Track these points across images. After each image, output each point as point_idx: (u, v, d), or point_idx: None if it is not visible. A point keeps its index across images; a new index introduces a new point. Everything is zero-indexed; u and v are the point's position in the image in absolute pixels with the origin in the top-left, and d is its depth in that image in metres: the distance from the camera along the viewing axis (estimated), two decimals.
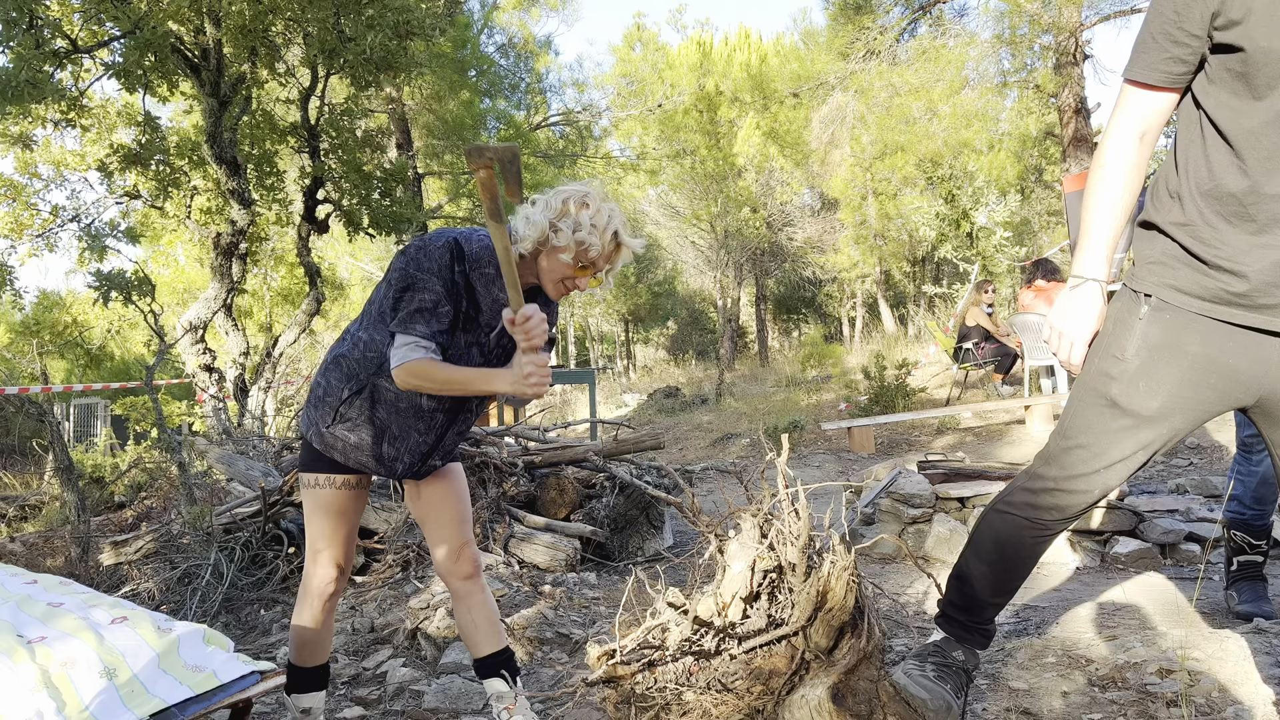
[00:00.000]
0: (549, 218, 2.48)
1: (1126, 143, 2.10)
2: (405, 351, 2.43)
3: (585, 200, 2.49)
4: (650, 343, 40.40)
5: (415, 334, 2.44)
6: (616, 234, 2.52)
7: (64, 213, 8.42)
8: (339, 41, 6.35)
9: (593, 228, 2.45)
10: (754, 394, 16.39)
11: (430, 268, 2.45)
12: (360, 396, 2.62)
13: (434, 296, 2.46)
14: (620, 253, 2.58)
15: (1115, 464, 2.16)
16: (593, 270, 2.54)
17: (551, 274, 2.52)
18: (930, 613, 4.32)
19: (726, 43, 23.89)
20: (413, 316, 2.44)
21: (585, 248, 2.45)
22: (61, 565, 5.56)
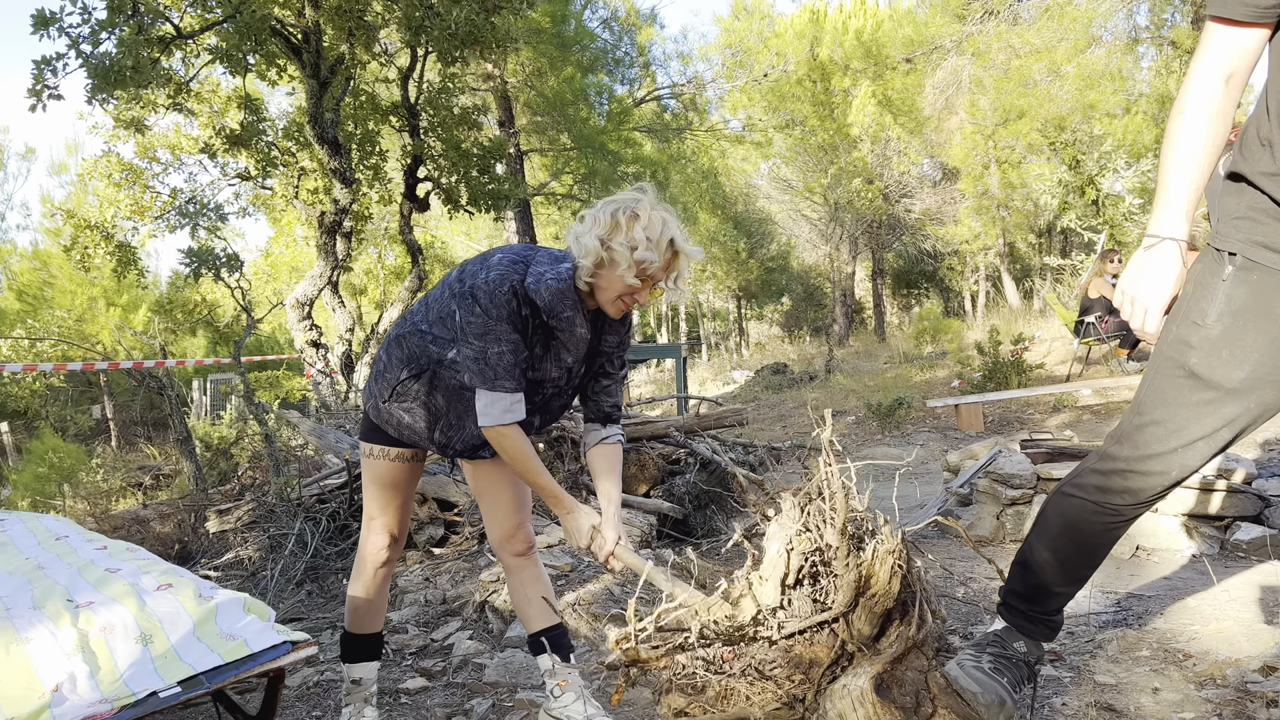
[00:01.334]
0: (599, 235, 2.40)
1: (1210, 85, 1.87)
2: (499, 413, 2.46)
3: (636, 211, 2.40)
4: (764, 319, 39.94)
5: (504, 390, 2.45)
6: (673, 242, 2.43)
7: (181, 195, 8.84)
8: (426, 17, 6.39)
9: (648, 242, 2.38)
10: (865, 370, 16.00)
11: (499, 314, 2.41)
12: (419, 381, 2.62)
13: (511, 346, 2.44)
14: (678, 260, 2.49)
15: (1195, 442, 1.95)
16: (652, 283, 2.45)
17: (608, 292, 2.45)
18: None
19: (841, 9, 23.24)
20: (499, 373, 2.43)
21: (645, 265, 2.37)
22: (172, 531, 5.82)
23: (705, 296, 34.19)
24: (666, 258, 2.44)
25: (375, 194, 9.26)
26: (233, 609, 2.29)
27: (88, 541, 3.00)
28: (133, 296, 20.16)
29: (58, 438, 12.47)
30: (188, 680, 2.05)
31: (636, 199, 2.45)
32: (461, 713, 3.05)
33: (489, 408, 2.45)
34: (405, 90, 8.56)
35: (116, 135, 8.25)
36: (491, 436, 2.48)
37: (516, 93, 12.88)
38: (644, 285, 2.44)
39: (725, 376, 20.45)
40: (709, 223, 27.18)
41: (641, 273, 2.40)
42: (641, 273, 2.40)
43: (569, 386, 2.72)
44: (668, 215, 2.45)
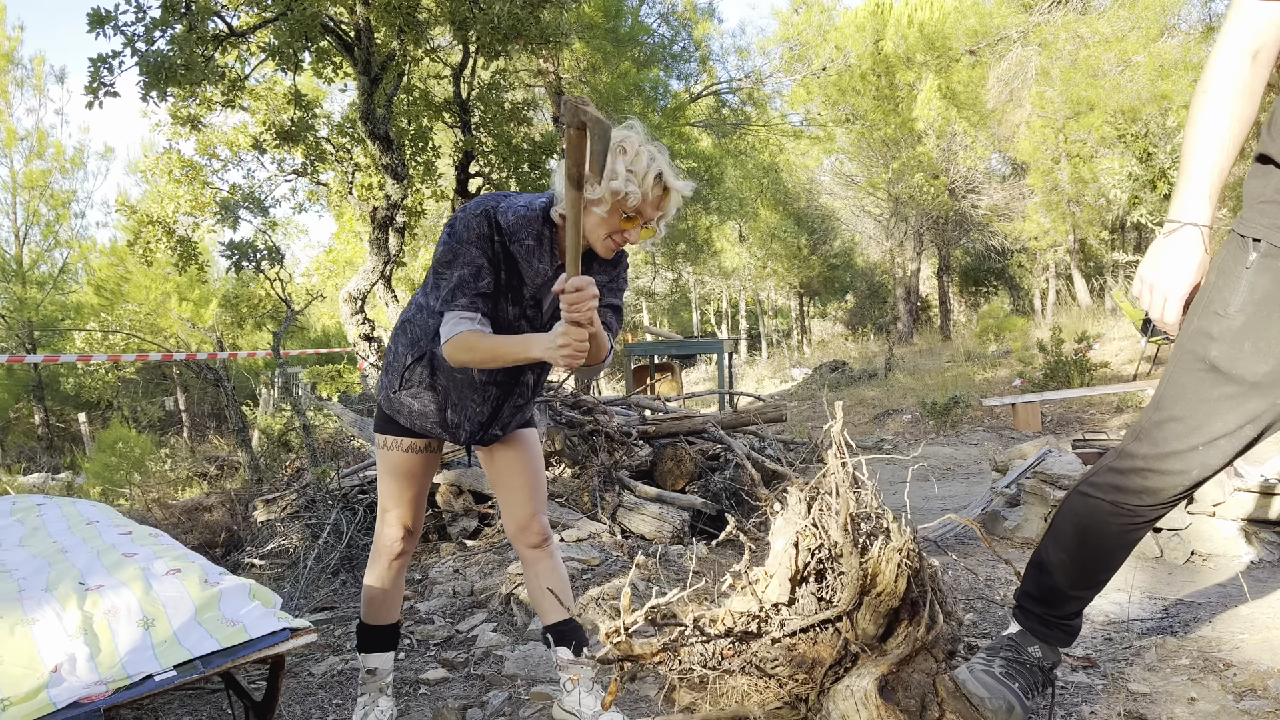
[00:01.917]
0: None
1: (1236, 62, 1.77)
2: (450, 326, 2.37)
3: (622, 146, 2.29)
4: (827, 316, 39.50)
5: (457, 307, 2.38)
6: (660, 177, 2.32)
7: (240, 191, 9.03)
8: (469, 11, 6.40)
9: (630, 175, 2.27)
10: (927, 369, 15.72)
11: (469, 238, 2.37)
12: (421, 363, 2.60)
13: (473, 267, 2.38)
14: (669, 197, 2.39)
15: (1217, 440, 1.84)
16: (640, 220, 2.38)
17: (595, 231, 2.36)
18: None
19: (907, 2, 22.82)
20: (454, 291, 2.38)
21: (622, 197, 2.28)
22: (221, 520, 5.94)
23: (766, 293, 33.91)
24: (656, 195, 2.33)
25: (428, 190, 9.35)
26: (237, 595, 2.31)
27: (115, 527, 3.05)
28: (203, 292, 20.70)
29: (126, 428, 12.84)
30: (183, 664, 2.06)
31: (625, 135, 2.33)
32: (478, 704, 3.04)
33: (443, 327, 2.38)
34: (457, 86, 8.63)
35: (178, 133, 8.46)
36: (449, 352, 2.38)
37: (570, 88, 12.88)
38: (631, 223, 2.36)
39: (784, 374, 20.28)
40: (770, 218, 26.94)
41: (620, 206, 2.29)
42: (620, 206, 2.29)
43: (535, 321, 2.58)
44: (657, 151, 2.34)
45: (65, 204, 23.34)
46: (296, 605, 4.28)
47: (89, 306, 20.59)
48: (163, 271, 14.96)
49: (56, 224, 23.43)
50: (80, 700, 1.93)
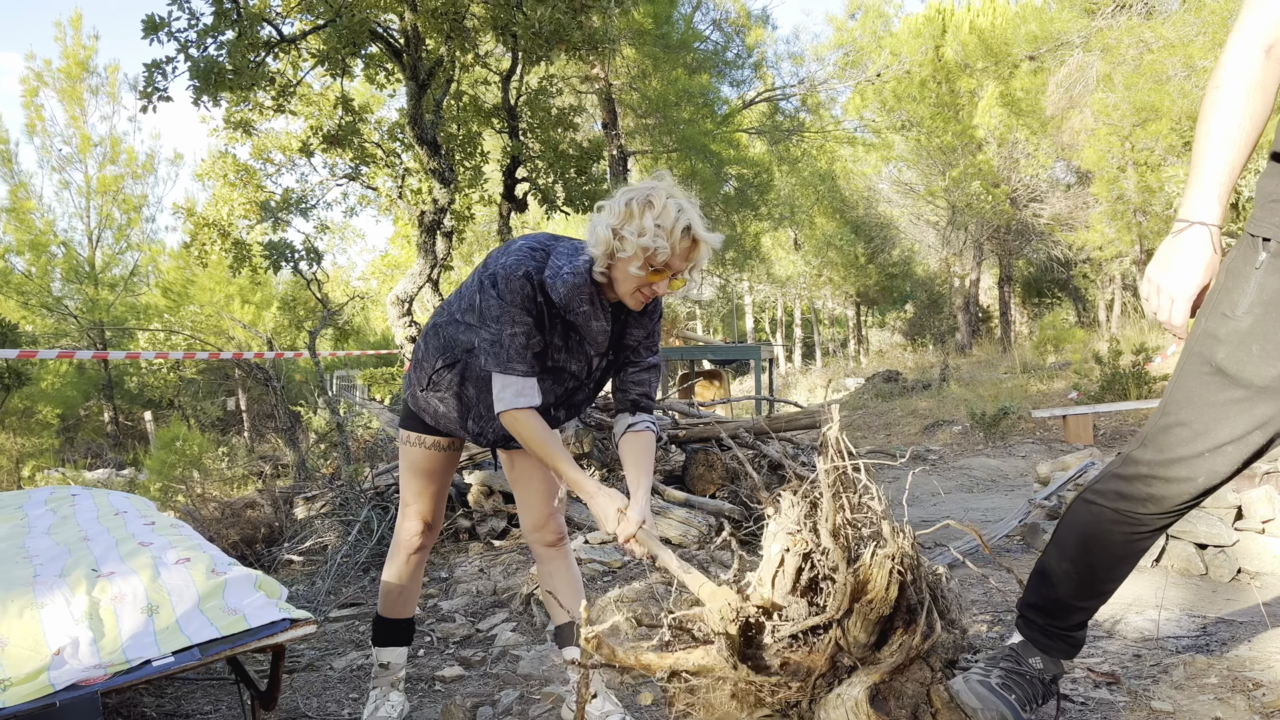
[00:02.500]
0: (612, 225, 2.34)
1: (1248, 57, 1.71)
2: (511, 397, 2.43)
3: (650, 199, 2.32)
4: (886, 326, 39.05)
5: (516, 373, 2.43)
6: (689, 229, 2.34)
7: (293, 194, 9.23)
8: (510, 16, 6.47)
9: (658, 230, 2.29)
10: (983, 380, 15.45)
11: (514, 300, 2.40)
12: (452, 370, 2.63)
13: (524, 330, 2.42)
14: (698, 249, 2.41)
15: (1224, 446, 1.78)
16: (669, 273, 2.39)
17: (625, 285, 2.39)
18: (1097, 618, 3.86)
19: (969, 8, 22.50)
20: (511, 356, 2.42)
21: (652, 253, 2.30)
22: (261, 516, 6.05)
23: (822, 301, 33.63)
24: (684, 246, 2.35)
25: (475, 195, 9.44)
26: (242, 585, 2.34)
27: (141, 517, 3.13)
28: (264, 295, 21.18)
29: (183, 426, 13.16)
30: (181, 651, 2.10)
31: (652, 186, 2.37)
32: (490, 703, 3.06)
33: (502, 392, 2.43)
34: (506, 92, 8.72)
35: (233, 138, 8.68)
36: (506, 421, 2.45)
37: (620, 95, 12.94)
38: (660, 276, 2.38)
39: (837, 384, 20.08)
40: (826, 226, 26.72)
41: (651, 261, 2.33)
42: (651, 261, 2.33)
43: (590, 380, 2.68)
44: (685, 203, 2.37)
45: (136, 208, 24.04)
46: (324, 601, 4.35)
47: (154, 308, 21.18)
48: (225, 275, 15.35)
49: (128, 228, 24.15)
50: (79, 683, 1.98)
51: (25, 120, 23.26)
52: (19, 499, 3.61)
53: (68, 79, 22.85)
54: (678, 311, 30.84)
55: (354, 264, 26.85)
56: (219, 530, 5.76)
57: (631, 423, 2.68)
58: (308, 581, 4.66)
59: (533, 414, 2.45)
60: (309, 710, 3.14)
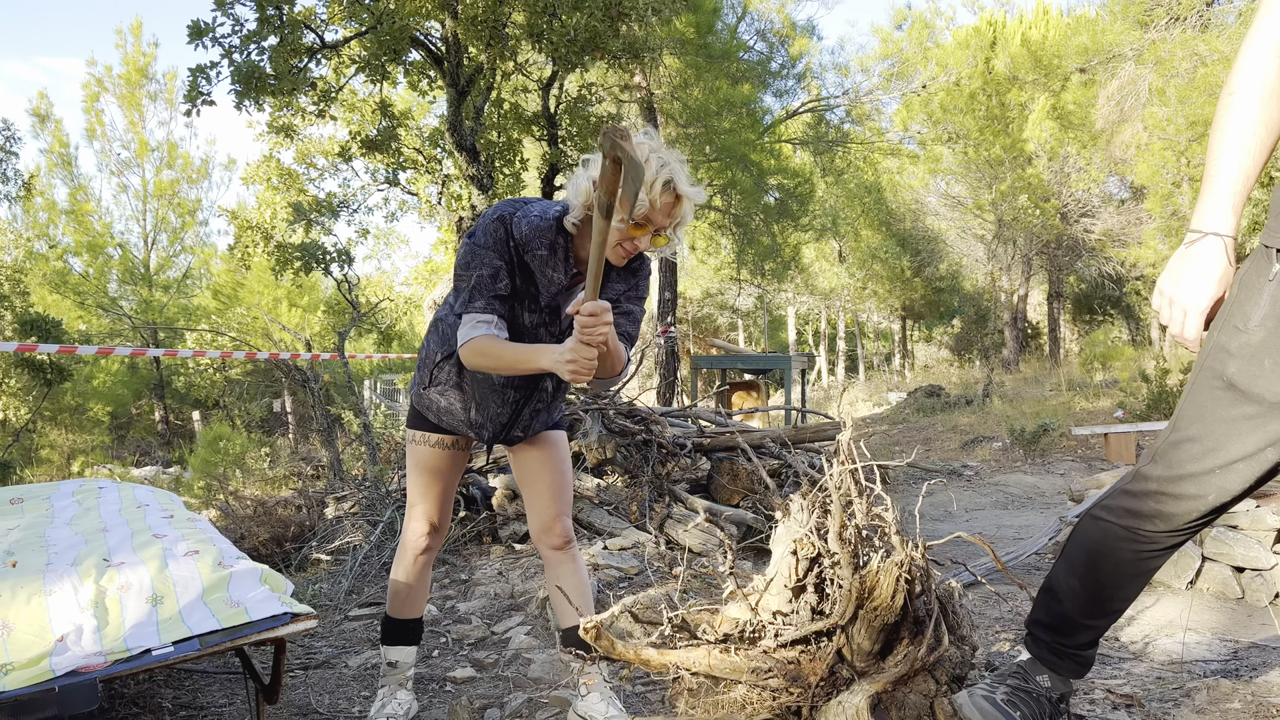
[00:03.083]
0: (593, 176, 2.30)
1: (1263, 62, 1.66)
2: (468, 330, 2.39)
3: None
4: (932, 341, 38.61)
5: (475, 310, 2.40)
6: (670, 184, 2.29)
7: (335, 198, 9.37)
8: (546, 24, 6.50)
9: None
10: (1028, 396, 15.20)
11: (485, 243, 2.39)
12: (450, 362, 2.64)
13: (490, 270, 2.39)
14: (681, 205, 2.36)
15: (1235, 463, 1.72)
16: (651, 228, 2.36)
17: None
18: (1124, 640, 3.77)
19: (1021, 19, 22.21)
20: (472, 292, 2.40)
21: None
22: (292, 515, 6.12)
23: (866, 315, 33.34)
24: (665, 201, 2.30)
25: None
26: (247, 579, 2.36)
27: (161, 510, 3.17)
28: (313, 299, 21.51)
29: (226, 426, 13.38)
30: (182, 641, 2.12)
31: (637, 142, 2.30)
32: (497, 705, 3.05)
33: (462, 329, 2.39)
34: (546, 100, 8.77)
35: (278, 142, 8.82)
36: (465, 356, 2.39)
37: (662, 104, 12.95)
38: (641, 230, 2.34)
39: (879, 398, 19.88)
40: (872, 238, 26.49)
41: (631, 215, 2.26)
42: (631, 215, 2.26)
43: (552, 329, 2.58)
44: (669, 157, 2.31)
45: (191, 212, 24.56)
46: (345, 600, 4.38)
47: (204, 310, 21.59)
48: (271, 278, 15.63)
49: (182, 231, 24.67)
50: (79, 669, 2.00)
51: (86, 125, 23.87)
52: (49, 490, 3.68)
53: (127, 85, 23.44)
54: (719, 322, 30.79)
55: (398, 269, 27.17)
56: (250, 528, 5.84)
57: None
58: (331, 580, 4.69)
59: (488, 337, 2.37)
60: (320, 706, 3.16)
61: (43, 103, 23.21)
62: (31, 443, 16.86)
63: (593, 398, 4.83)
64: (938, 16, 23.19)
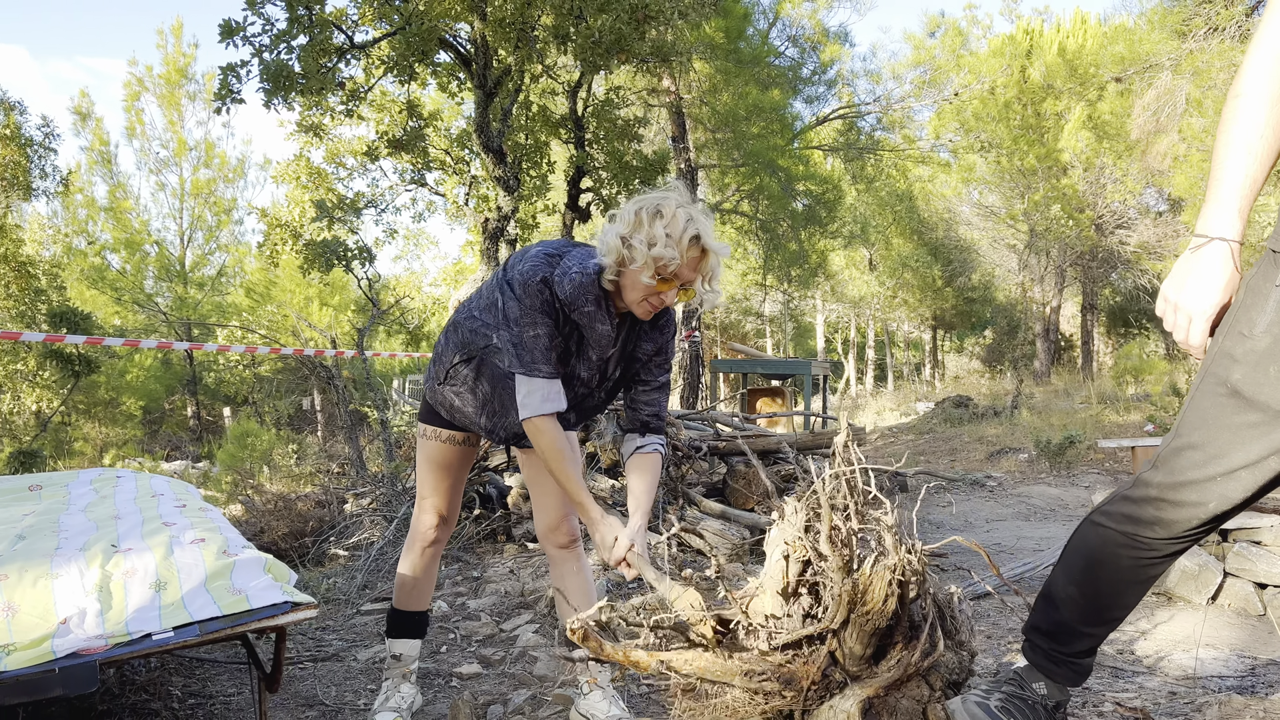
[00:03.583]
0: (621, 233, 2.35)
1: (1271, 64, 1.64)
2: (538, 403, 2.44)
3: (659, 209, 2.33)
4: (964, 352, 38.28)
5: (541, 375, 2.44)
6: (698, 239, 2.34)
7: (363, 198, 9.46)
8: (572, 25, 6.52)
9: (668, 239, 2.29)
10: (1058, 409, 15.02)
11: (533, 305, 2.42)
12: (468, 366, 2.66)
13: (546, 331, 2.43)
14: (708, 259, 2.40)
15: (1238, 471, 1.69)
16: (678, 283, 2.38)
17: (633, 293, 2.39)
18: (1139, 654, 3.72)
19: (1059, 28, 21.99)
20: (536, 357, 2.44)
21: (663, 263, 2.30)
22: (311, 510, 6.17)
23: (897, 324, 33.11)
24: (692, 256, 2.35)
25: (540, 203, 9.54)
26: (251, 568, 2.38)
27: (174, 500, 3.21)
28: (343, 298, 21.71)
29: (253, 422, 13.53)
30: (182, 627, 2.15)
31: (664, 196, 2.38)
32: (501, 702, 3.06)
33: (528, 397, 2.44)
34: (573, 103, 8.80)
35: (309, 141, 8.92)
36: (529, 428, 2.46)
37: (691, 108, 12.95)
38: (668, 285, 2.37)
39: (907, 407, 19.73)
40: (903, 247, 26.31)
41: (661, 271, 2.32)
42: (661, 271, 2.32)
43: (601, 388, 2.68)
44: (695, 212, 2.37)
45: (227, 211, 24.88)
46: (358, 595, 4.41)
47: (236, 307, 21.84)
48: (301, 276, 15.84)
49: (218, 229, 24.99)
50: (79, 651, 2.03)
51: (126, 124, 24.28)
52: (68, 478, 3.74)
53: (167, 85, 23.79)
54: (746, 329, 30.71)
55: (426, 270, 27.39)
56: (269, 522, 5.89)
57: (640, 444, 2.67)
58: (346, 575, 4.73)
59: (554, 422, 2.46)
60: (326, 698, 3.18)
61: (84, 101, 23.62)
62: (66, 435, 17.15)
63: None
64: (974, 25, 23.05)
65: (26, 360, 11.42)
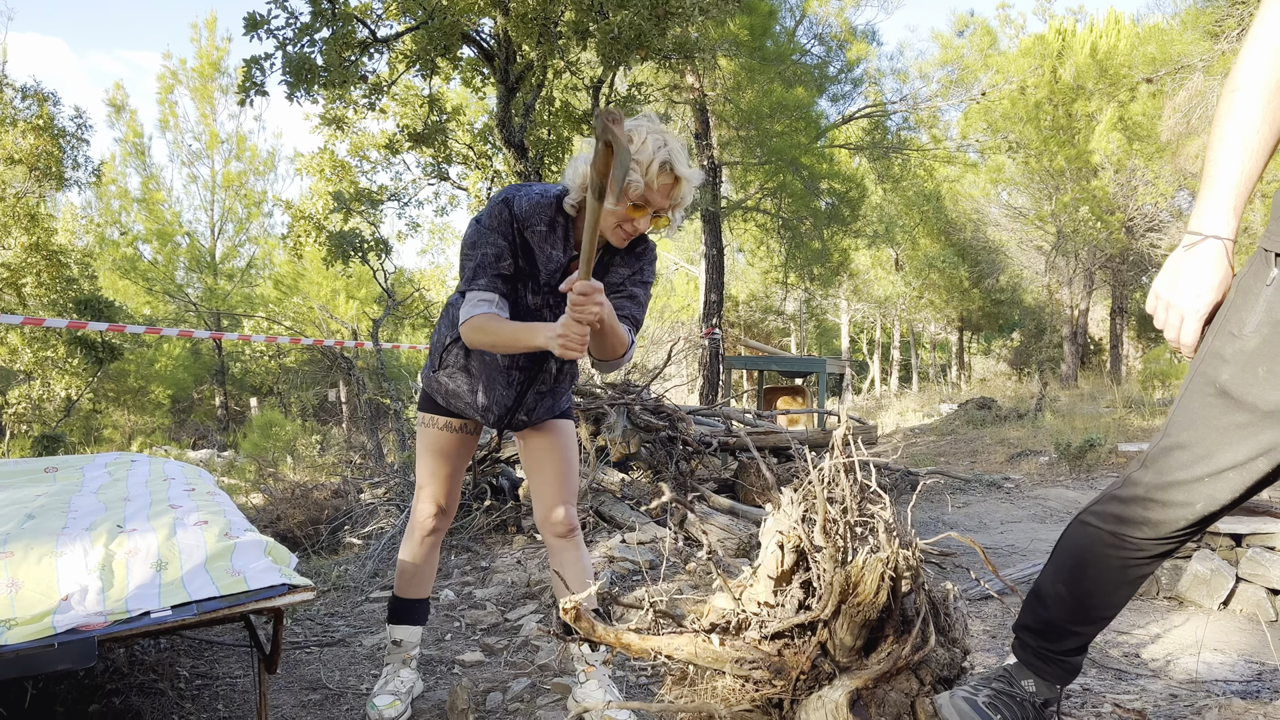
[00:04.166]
0: (589, 159, 2.33)
1: (1267, 57, 1.62)
2: (469, 307, 2.42)
3: (629, 134, 2.27)
4: (991, 354, 37.98)
5: (477, 288, 2.43)
6: (667, 165, 2.30)
7: (386, 191, 9.52)
8: (592, 21, 6.53)
9: (634, 163, 2.26)
10: (1081, 413, 14.87)
11: (490, 224, 2.43)
12: (458, 345, 2.67)
13: (495, 250, 2.43)
14: (680, 186, 2.36)
15: (1225, 471, 1.67)
16: (650, 209, 2.37)
17: (604, 220, 2.36)
18: (1145, 657, 3.69)
19: (1092, 28, 21.74)
20: (476, 271, 2.44)
21: (628, 186, 2.28)
22: (327, 499, 6.24)
23: (922, 324, 32.89)
24: (663, 182, 2.31)
25: None
26: (251, 550, 2.42)
27: (184, 484, 3.26)
28: (370, 291, 21.87)
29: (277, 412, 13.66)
30: (179, 606, 2.18)
31: (636, 123, 2.33)
32: (501, 689, 3.08)
33: (465, 308, 2.42)
34: (595, 99, 8.82)
35: (334, 135, 9.00)
36: (465, 333, 2.42)
37: (714, 105, 12.92)
38: (640, 212, 2.35)
39: (930, 409, 19.61)
40: (930, 247, 26.12)
41: (627, 194, 2.28)
42: (627, 194, 2.28)
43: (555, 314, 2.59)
44: (665, 138, 2.32)
45: (257, 203, 25.11)
46: (368, 582, 4.46)
47: (262, 298, 22.03)
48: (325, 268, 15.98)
49: (248, 222, 25.23)
50: (79, 627, 2.07)
51: (159, 116, 24.56)
52: (83, 461, 3.80)
53: (200, 78, 24.03)
54: (769, 327, 30.60)
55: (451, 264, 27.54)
56: (285, 509, 5.96)
57: None
58: (358, 563, 4.78)
59: (488, 315, 2.40)
60: (329, 682, 3.22)
61: (119, 93, 23.90)
62: (96, 422, 17.40)
63: (620, 392, 4.85)
64: (1006, 25, 22.84)
65: (56, 348, 11.62)
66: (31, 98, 11.91)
